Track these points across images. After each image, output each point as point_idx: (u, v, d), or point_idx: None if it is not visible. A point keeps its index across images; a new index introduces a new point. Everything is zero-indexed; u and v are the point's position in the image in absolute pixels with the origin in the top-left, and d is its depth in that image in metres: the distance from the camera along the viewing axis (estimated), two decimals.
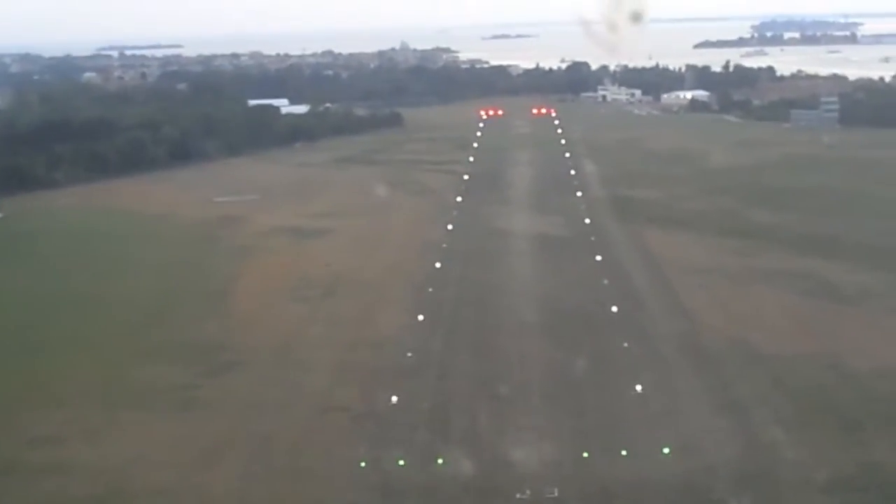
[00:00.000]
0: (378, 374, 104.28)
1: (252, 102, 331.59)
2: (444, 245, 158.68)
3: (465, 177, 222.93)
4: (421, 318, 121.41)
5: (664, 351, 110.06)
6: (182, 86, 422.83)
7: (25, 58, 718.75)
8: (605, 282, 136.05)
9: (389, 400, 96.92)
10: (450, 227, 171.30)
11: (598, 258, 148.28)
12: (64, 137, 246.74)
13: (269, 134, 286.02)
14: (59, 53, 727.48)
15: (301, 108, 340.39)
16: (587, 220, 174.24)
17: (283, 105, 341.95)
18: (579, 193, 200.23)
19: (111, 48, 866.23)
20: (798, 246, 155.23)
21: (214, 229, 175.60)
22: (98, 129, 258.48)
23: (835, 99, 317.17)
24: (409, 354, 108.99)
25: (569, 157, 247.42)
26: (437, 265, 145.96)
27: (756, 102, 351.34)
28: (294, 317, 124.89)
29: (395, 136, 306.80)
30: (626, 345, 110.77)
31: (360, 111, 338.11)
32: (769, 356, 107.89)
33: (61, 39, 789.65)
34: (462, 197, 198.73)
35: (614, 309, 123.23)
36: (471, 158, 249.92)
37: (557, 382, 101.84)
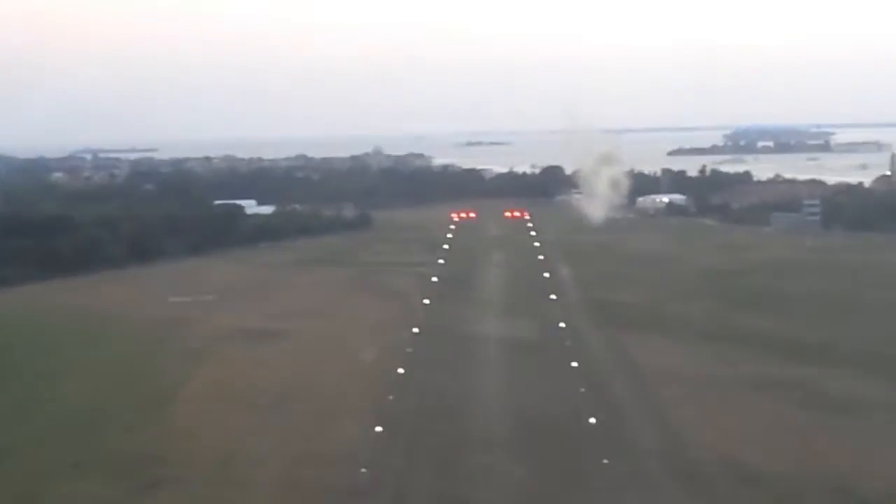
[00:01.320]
0: (326, 495, 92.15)
1: (218, 203, 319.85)
2: (409, 349, 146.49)
3: (434, 279, 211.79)
4: (379, 429, 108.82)
5: (649, 470, 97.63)
6: (149, 186, 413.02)
7: None
8: (582, 390, 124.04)
9: None
10: (415, 330, 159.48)
11: (574, 364, 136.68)
12: (17, 235, 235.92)
13: (233, 233, 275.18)
14: (33, 156, 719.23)
15: (268, 209, 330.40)
16: (562, 325, 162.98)
17: (251, 205, 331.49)
18: (553, 296, 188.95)
19: (86, 151, 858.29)
20: (789, 352, 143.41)
21: (165, 331, 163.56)
22: (55, 226, 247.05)
23: (817, 202, 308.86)
24: (364, 471, 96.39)
25: (543, 260, 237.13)
26: (400, 371, 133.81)
27: (735, 206, 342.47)
28: (239, 427, 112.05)
29: (364, 236, 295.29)
30: (605, 461, 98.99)
31: (329, 212, 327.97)
32: (767, 477, 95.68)
33: (38, 143, 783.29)
34: (430, 299, 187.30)
35: (592, 420, 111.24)
36: (440, 260, 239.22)
37: None
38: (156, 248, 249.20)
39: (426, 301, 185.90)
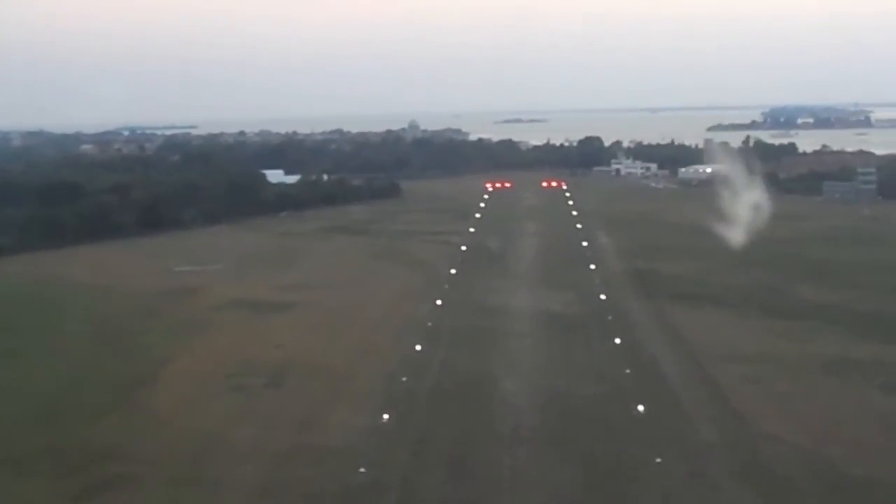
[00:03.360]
0: (317, 501, 73.11)
1: (238, 171, 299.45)
2: (429, 324, 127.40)
3: (463, 248, 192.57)
4: (386, 417, 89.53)
5: (712, 471, 77.47)
6: (175, 157, 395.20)
7: (33, 134, 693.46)
8: (627, 371, 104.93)
9: None
10: (438, 302, 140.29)
11: (617, 341, 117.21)
12: (18, 202, 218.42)
13: (253, 202, 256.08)
14: (71, 132, 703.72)
15: (293, 178, 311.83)
16: (602, 297, 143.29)
17: (277, 175, 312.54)
18: (593, 266, 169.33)
19: (125, 128, 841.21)
20: (860, 328, 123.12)
21: (163, 302, 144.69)
22: (61, 193, 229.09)
23: (872, 170, 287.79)
24: (362, 470, 76.94)
25: (581, 229, 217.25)
26: (417, 348, 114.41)
27: (782, 176, 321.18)
28: (222, 413, 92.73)
29: (392, 206, 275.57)
30: (658, 460, 79.26)
31: (357, 181, 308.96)
32: (862, 481, 75.43)
33: (80, 121, 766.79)
34: (457, 269, 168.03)
35: (640, 409, 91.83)
36: (471, 229, 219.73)
37: None
38: (170, 217, 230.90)
39: (453, 271, 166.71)
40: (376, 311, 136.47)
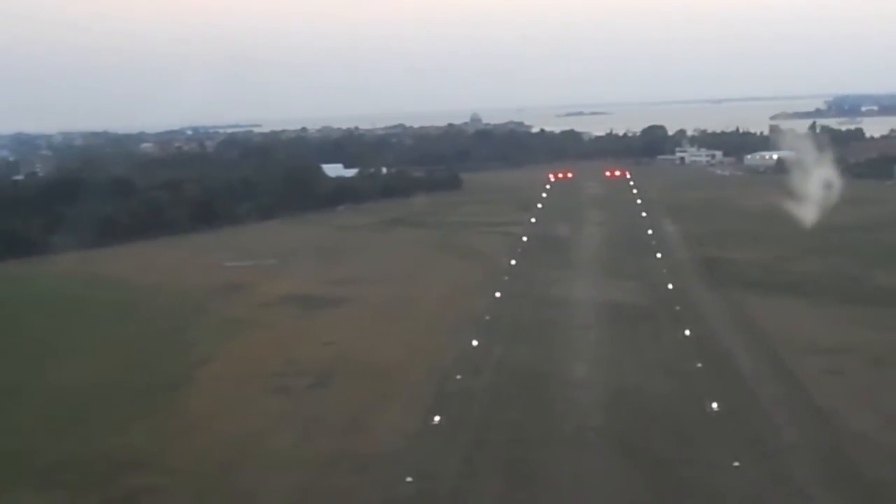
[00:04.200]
0: None
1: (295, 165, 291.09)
2: (487, 317, 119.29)
3: (524, 238, 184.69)
4: (437, 419, 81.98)
5: (796, 476, 68.57)
6: (234, 154, 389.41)
7: (96, 135, 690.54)
8: (699, 365, 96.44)
9: None
10: (497, 294, 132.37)
11: (687, 333, 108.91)
12: (72, 199, 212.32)
13: (309, 196, 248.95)
14: (135, 132, 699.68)
15: (352, 172, 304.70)
16: (670, 286, 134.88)
17: (335, 169, 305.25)
18: (659, 255, 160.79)
19: (189, 128, 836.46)
20: None
21: (210, 300, 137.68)
22: (113, 190, 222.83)
23: None
24: (409, 479, 69.29)
25: (646, 217, 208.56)
26: (474, 343, 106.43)
27: (851, 161, 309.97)
28: (262, 417, 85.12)
29: (452, 198, 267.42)
30: (736, 464, 71.08)
31: (417, 174, 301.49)
32: None
33: (146, 122, 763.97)
34: (517, 260, 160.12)
35: (714, 406, 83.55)
36: (533, 219, 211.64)
37: None
38: (223, 213, 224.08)
39: (513, 262, 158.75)
40: (432, 305, 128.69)
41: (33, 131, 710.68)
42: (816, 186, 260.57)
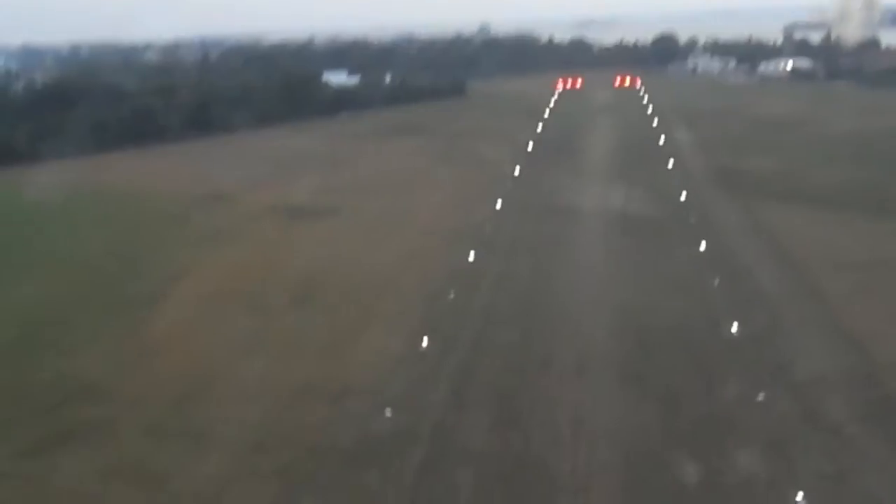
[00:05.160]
0: (321, 460, 55.12)
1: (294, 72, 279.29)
2: (487, 229, 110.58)
3: (530, 147, 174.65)
4: (425, 343, 73.12)
5: (828, 411, 59.52)
6: (236, 62, 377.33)
7: (103, 46, 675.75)
8: (716, 283, 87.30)
9: None
10: (499, 205, 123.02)
11: (703, 247, 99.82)
12: (62, 108, 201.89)
13: (309, 104, 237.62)
14: (143, 43, 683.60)
15: (354, 79, 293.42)
16: (683, 196, 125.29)
17: (339, 77, 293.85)
18: (671, 164, 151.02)
19: (198, 38, 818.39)
20: None
21: (195, 209, 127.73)
22: (105, 97, 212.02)
23: None
24: (388, 414, 61.08)
25: (657, 126, 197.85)
26: (471, 258, 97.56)
27: (868, 70, 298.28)
28: (233, 339, 75.64)
29: (456, 105, 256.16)
30: (761, 397, 62.81)
31: (422, 82, 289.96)
32: None
33: (155, 33, 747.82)
34: (522, 169, 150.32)
35: (734, 329, 74.75)
36: (539, 128, 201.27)
37: (641, 484, 52.40)
38: (219, 120, 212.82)
39: (517, 171, 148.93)
40: (428, 216, 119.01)
41: (42, 43, 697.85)
42: (829, 95, 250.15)
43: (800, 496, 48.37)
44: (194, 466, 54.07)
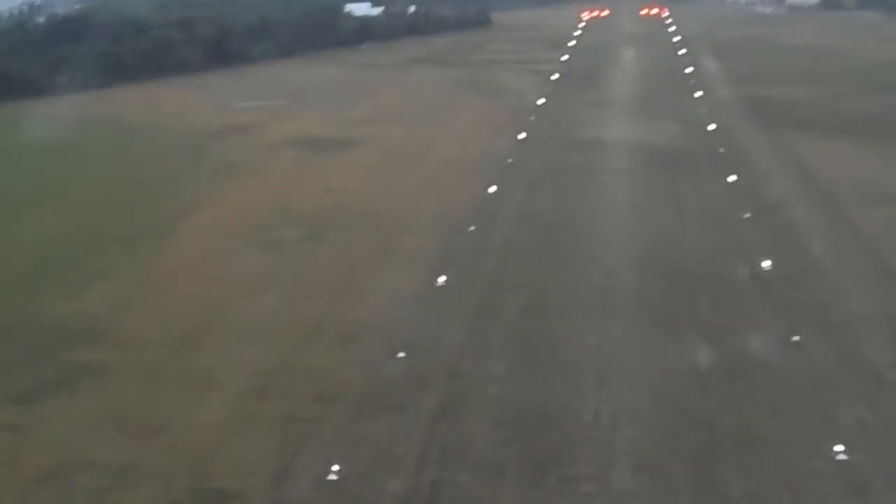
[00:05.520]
0: (327, 408, 50.09)
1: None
2: (509, 160, 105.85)
3: (554, 76, 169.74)
4: (442, 280, 69.03)
5: (871, 355, 53.98)
6: None
7: None
8: (747, 216, 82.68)
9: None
10: (522, 136, 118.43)
11: (732, 179, 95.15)
12: (80, 40, 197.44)
13: (330, 35, 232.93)
14: None
15: (377, 10, 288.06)
16: (712, 127, 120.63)
17: (362, 7, 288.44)
18: (699, 94, 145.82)
19: None
20: None
21: (210, 142, 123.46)
22: (124, 30, 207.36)
23: None
24: (401, 355, 56.23)
25: (684, 55, 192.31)
26: (491, 190, 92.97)
27: None
28: (242, 276, 71.52)
29: (480, 36, 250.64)
30: (796, 339, 57.99)
31: (446, 13, 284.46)
32: None
33: None
34: (546, 99, 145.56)
35: (766, 265, 70.55)
36: (563, 57, 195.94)
37: (674, 440, 46.34)
38: (239, 52, 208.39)
39: (541, 101, 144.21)
40: (450, 148, 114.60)
41: None
42: (863, 22, 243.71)
43: (839, 448, 44.15)
44: (193, 415, 50.22)
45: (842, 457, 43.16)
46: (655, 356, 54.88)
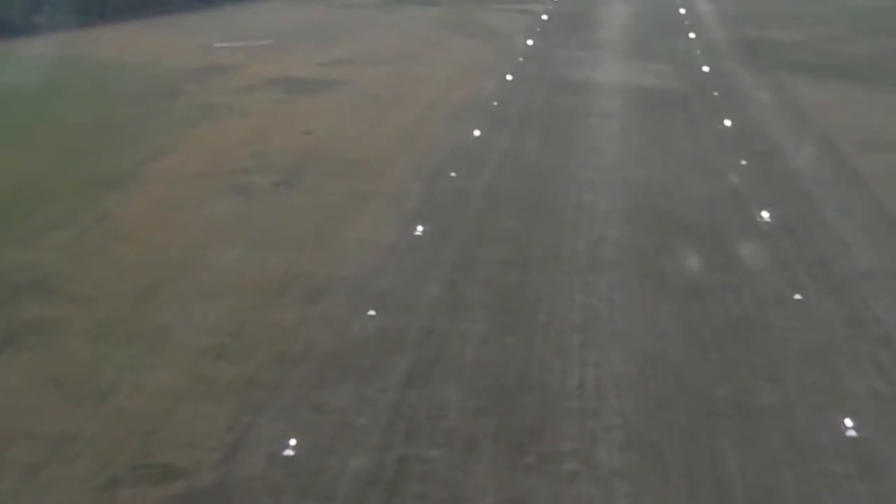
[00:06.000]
0: (288, 372, 44.66)
1: None
2: (495, 103, 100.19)
3: (544, 17, 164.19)
4: (420, 230, 64.04)
5: (879, 317, 49.25)
6: None
7: None
8: (743, 163, 77.57)
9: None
10: (509, 77, 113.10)
11: (728, 123, 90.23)
12: None
13: None
14: None
15: None
16: (705, 69, 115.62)
17: None
18: (692, 35, 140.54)
19: None
20: None
21: (187, 83, 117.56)
22: None
23: None
24: (371, 313, 51.92)
25: None
26: (476, 133, 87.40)
27: None
28: (208, 225, 66.60)
29: None
30: (798, 297, 52.87)
31: None
32: None
33: None
34: (535, 40, 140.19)
35: (765, 216, 65.43)
36: None
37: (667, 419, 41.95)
38: None
39: (530, 42, 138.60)
40: (434, 89, 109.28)
41: None
42: None
43: (848, 422, 39.72)
44: (143, 378, 45.50)
45: None
46: (642, 318, 50.27)
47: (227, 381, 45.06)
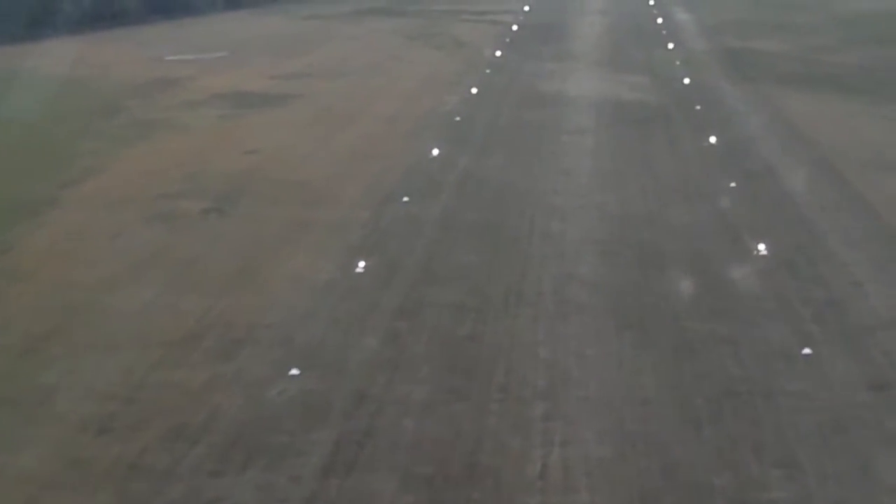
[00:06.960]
0: (181, 456, 34.22)
1: None
2: (457, 118, 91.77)
3: (514, 27, 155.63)
4: (362, 265, 54.73)
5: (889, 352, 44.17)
6: None
7: None
8: (732, 185, 69.19)
9: None
10: (474, 90, 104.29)
11: (713, 140, 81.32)
12: None
13: None
14: None
15: None
16: (686, 81, 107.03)
17: None
18: (671, 45, 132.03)
19: None
20: None
21: (130, 98, 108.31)
22: None
23: None
24: (294, 372, 43.19)
25: (654, 5, 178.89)
26: (434, 153, 78.80)
27: None
28: (122, 258, 57.05)
29: None
30: (807, 351, 43.92)
31: None
32: None
33: None
34: (503, 51, 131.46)
35: (761, 249, 56.08)
36: (525, 7, 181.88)
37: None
38: (184, 2, 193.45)
39: (498, 53, 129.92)
40: (393, 104, 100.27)
41: None
42: None
43: None
44: (4, 461, 36.44)
45: None
46: (623, 378, 41.37)
47: (105, 465, 35.80)
